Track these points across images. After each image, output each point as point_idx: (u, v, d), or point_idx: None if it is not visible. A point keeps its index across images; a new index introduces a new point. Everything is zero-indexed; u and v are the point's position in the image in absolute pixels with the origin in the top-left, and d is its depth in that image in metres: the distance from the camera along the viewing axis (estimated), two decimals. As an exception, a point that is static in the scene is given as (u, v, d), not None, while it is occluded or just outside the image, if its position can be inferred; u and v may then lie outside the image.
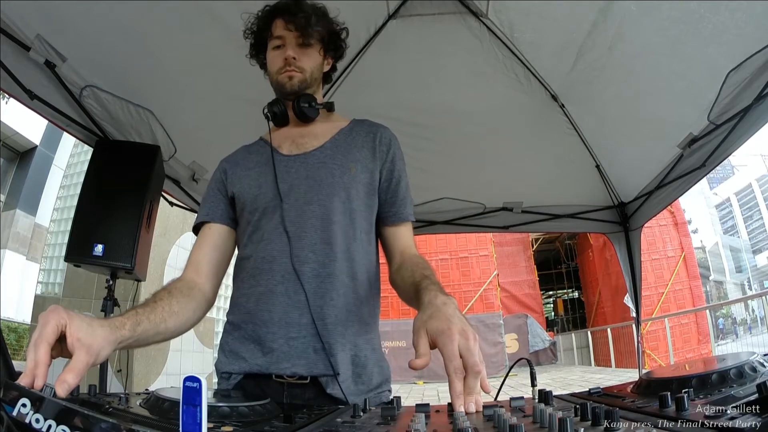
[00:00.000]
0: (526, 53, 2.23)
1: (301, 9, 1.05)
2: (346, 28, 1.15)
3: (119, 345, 0.74)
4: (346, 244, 1.01)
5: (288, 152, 1.08)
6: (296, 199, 1.01)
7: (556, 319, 18.67)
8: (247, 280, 1.02)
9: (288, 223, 0.99)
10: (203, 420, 0.44)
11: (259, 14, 1.11)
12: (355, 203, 1.03)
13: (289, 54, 1.05)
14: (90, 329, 0.67)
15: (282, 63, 1.06)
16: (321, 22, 1.08)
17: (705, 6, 1.68)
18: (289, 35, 1.05)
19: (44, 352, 0.62)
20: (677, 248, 11.44)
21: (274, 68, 1.08)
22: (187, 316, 0.95)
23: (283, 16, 1.06)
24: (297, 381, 0.95)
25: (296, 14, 1.04)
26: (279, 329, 0.95)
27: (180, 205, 2.66)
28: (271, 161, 1.06)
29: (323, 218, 1.00)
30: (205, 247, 1.06)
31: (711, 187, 38.91)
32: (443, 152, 2.68)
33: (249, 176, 1.07)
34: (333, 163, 1.04)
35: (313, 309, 0.95)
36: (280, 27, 1.06)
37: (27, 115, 6.02)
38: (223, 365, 0.99)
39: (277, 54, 1.07)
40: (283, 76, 1.06)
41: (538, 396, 0.65)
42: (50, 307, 0.67)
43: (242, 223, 1.07)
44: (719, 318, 15.82)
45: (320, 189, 1.02)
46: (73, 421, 0.47)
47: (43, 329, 0.63)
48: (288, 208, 1.01)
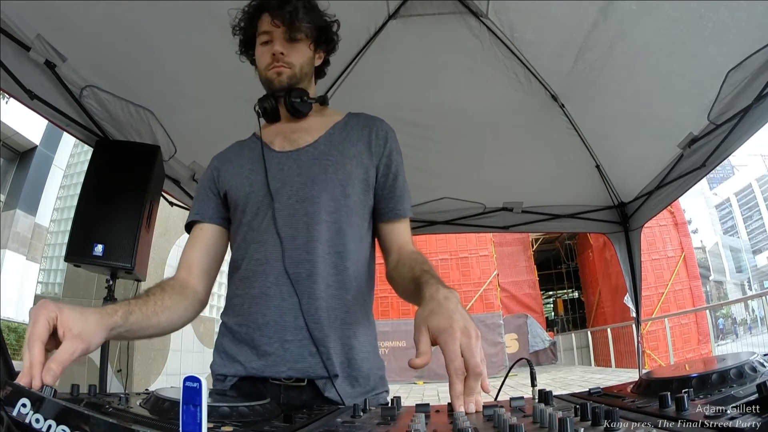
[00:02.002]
0: (526, 53, 2.23)
1: (288, 2, 1.02)
2: (337, 20, 1.12)
3: (111, 332, 0.75)
4: (341, 243, 0.99)
5: (280, 149, 1.06)
6: (288, 197, 0.99)
7: (556, 319, 18.66)
8: (241, 281, 1.01)
9: (280, 224, 0.98)
10: (203, 420, 0.44)
11: (245, 9, 1.08)
12: (350, 200, 1.01)
13: (276, 49, 1.02)
14: (81, 317, 0.68)
15: (270, 59, 1.03)
16: (309, 15, 1.04)
17: (705, 5, 1.68)
18: (276, 30, 1.03)
19: (38, 351, 0.62)
20: (677, 248, 11.43)
21: (262, 64, 1.06)
22: (180, 314, 0.95)
23: (269, 10, 1.03)
24: (293, 384, 0.94)
25: (282, 8, 1.01)
26: (274, 333, 0.94)
27: (180, 205, 2.66)
28: (263, 158, 1.04)
29: (317, 216, 0.97)
30: (197, 247, 1.05)
31: (711, 187, 38.93)
32: (443, 152, 2.68)
33: (240, 174, 1.05)
34: (327, 159, 1.02)
35: (307, 312, 0.94)
36: (266, 22, 1.04)
37: (27, 115, 6.03)
38: (218, 367, 0.98)
39: (265, 50, 1.05)
40: (271, 72, 1.04)
41: (538, 396, 0.65)
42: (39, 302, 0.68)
43: (235, 222, 1.05)
44: (719, 318, 15.82)
45: (313, 186, 0.99)
46: (73, 421, 0.47)
47: (34, 327, 0.63)
48: (280, 207, 0.99)
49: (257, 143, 1.08)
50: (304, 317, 0.93)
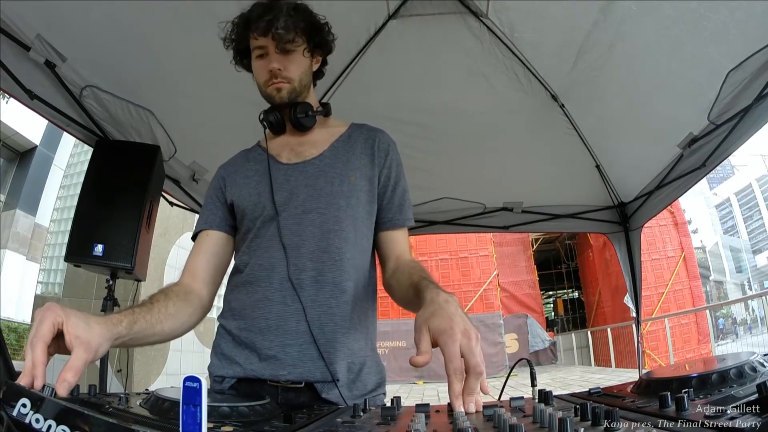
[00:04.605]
0: (526, 53, 2.23)
1: (274, 14, 0.98)
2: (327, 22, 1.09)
3: (115, 342, 0.75)
4: (345, 252, 1.00)
5: (287, 161, 1.08)
6: (295, 208, 1.02)
7: (556, 319, 18.67)
8: (243, 286, 1.02)
9: (287, 233, 1.00)
10: (203, 420, 0.44)
11: (234, 22, 1.06)
12: (355, 210, 1.03)
13: (273, 66, 1.01)
14: (87, 326, 0.67)
15: (267, 75, 1.03)
16: (298, 22, 1.01)
17: (705, 5, 1.68)
18: (269, 44, 1.01)
19: (41, 351, 0.62)
20: (677, 248, 11.44)
21: (261, 80, 1.05)
22: (183, 320, 0.96)
23: (254, 25, 1.00)
24: (291, 385, 0.95)
25: (271, 21, 0.98)
26: (276, 337, 0.95)
27: (180, 205, 2.66)
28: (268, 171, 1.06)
29: (322, 227, 1.00)
30: (202, 253, 1.06)
31: (711, 187, 38.92)
32: (443, 152, 2.68)
33: (248, 185, 1.07)
34: (332, 172, 1.04)
35: (310, 317, 0.95)
36: (257, 36, 1.01)
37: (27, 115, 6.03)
38: (216, 369, 0.99)
39: (262, 64, 1.04)
40: (271, 89, 1.04)
41: (538, 396, 0.65)
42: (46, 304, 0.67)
43: (242, 230, 1.07)
44: (719, 318, 15.82)
45: (319, 198, 1.02)
46: (73, 421, 0.47)
47: (39, 328, 0.63)
48: (287, 216, 1.01)
49: (263, 155, 1.10)
50: (307, 322, 0.95)
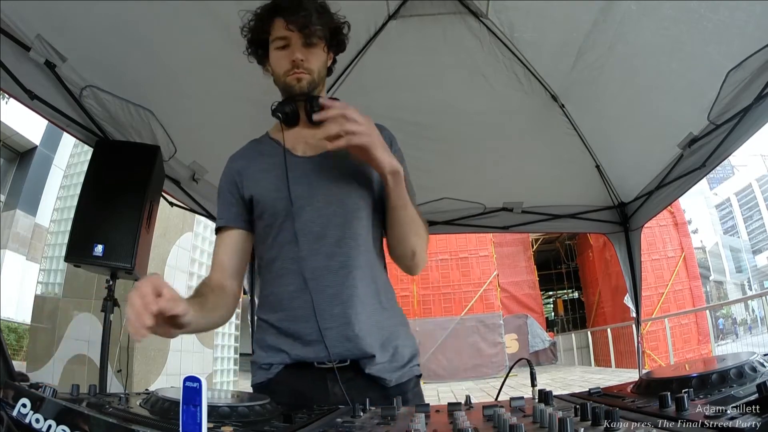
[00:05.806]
0: (526, 53, 2.23)
1: (303, 7, 1.03)
2: (347, 22, 1.15)
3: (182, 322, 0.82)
4: (366, 238, 1.07)
5: (303, 154, 1.10)
6: (318, 200, 1.05)
7: (556, 320, 18.66)
8: (276, 279, 1.06)
9: (311, 224, 1.04)
10: (203, 420, 0.44)
11: (258, 11, 1.09)
12: (370, 199, 1.09)
13: (297, 57, 1.04)
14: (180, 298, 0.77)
15: (289, 65, 1.05)
16: (323, 18, 1.06)
17: (705, 5, 1.68)
18: (293, 36, 1.04)
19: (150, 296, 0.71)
20: (677, 248, 11.43)
21: (281, 70, 1.07)
22: (220, 313, 1.03)
23: (285, 15, 1.04)
24: (338, 365, 0.99)
25: (298, 13, 1.02)
26: (315, 323, 1.00)
27: (180, 205, 2.66)
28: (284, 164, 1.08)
29: (345, 216, 1.05)
30: (229, 250, 1.11)
31: (711, 187, 38.88)
32: (443, 152, 2.67)
33: (267, 179, 1.08)
34: (348, 163, 1.07)
35: (343, 300, 1.01)
36: (281, 27, 1.05)
37: (27, 115, 6.02)
38: (262, 358, 1.05)
39: (283, 55, 1.06)
40: (291, 78, 1.06)
41: (538, 396, 0.66)
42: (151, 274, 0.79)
43: (264, 224, 1.09)
44: (719, 318, 15.82)
45: (340, 188, 1.06)
46: (73, 421, 0.47)
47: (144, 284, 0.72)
48: (310, 209, 1.05)
49: (276, 148, 1.12)
50: (341, 305, 1.00)
